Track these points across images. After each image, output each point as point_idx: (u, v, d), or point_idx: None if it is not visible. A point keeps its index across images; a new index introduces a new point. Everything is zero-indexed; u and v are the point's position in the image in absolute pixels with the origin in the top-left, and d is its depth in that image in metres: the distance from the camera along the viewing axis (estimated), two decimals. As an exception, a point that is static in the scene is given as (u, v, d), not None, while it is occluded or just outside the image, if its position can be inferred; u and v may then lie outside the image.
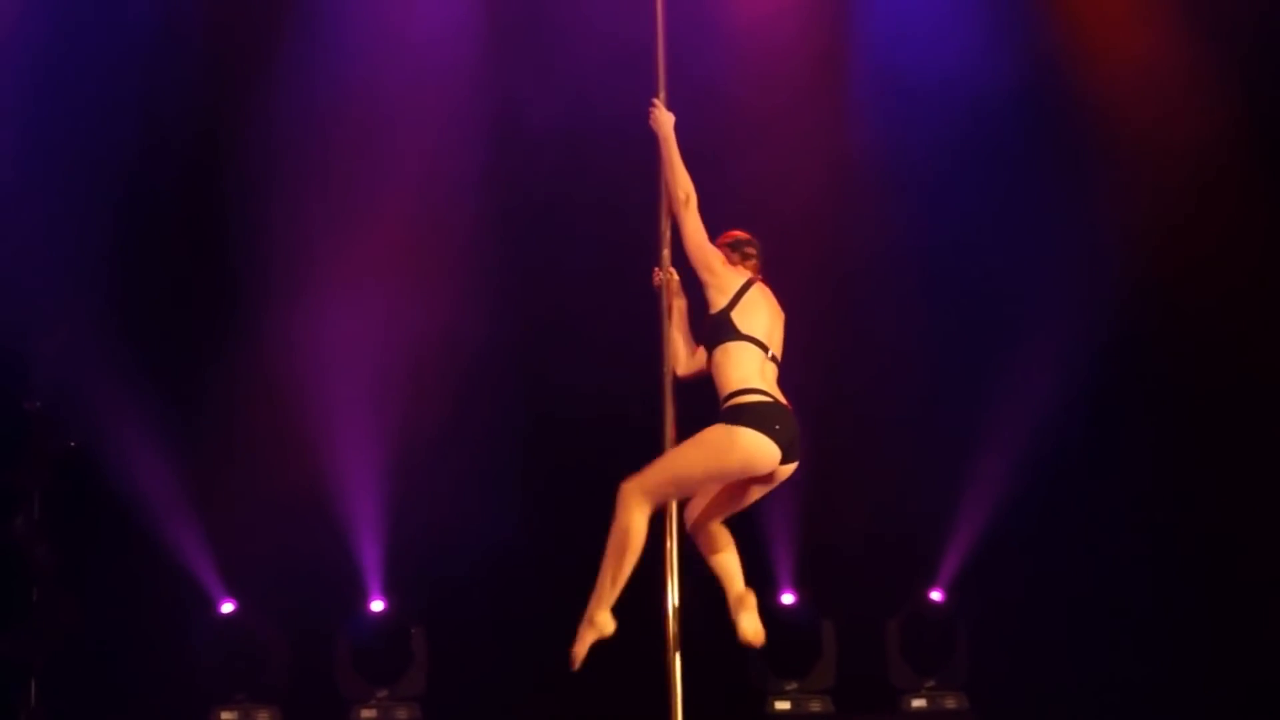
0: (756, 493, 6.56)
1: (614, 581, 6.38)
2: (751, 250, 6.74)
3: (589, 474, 9.55)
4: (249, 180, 10.12)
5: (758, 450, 6.30)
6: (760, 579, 10.08)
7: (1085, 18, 10.23)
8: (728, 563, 6.64)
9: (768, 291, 6.66)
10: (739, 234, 6.77)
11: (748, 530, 10.01)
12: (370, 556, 10.13)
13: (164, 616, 9.98)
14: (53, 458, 9.82)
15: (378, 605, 10.15)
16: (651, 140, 6.81)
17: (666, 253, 6.80)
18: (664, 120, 6.75)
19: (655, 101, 6.82)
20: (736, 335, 6.46)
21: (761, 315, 6.54)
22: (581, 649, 6.43)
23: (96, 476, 9.91)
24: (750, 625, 6.52)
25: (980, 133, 10.17)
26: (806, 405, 9.91)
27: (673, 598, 6.54)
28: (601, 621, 6.41)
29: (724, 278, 6.55)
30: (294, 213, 10.12)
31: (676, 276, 6.84)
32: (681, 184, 6.61)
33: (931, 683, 10.01)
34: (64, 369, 9.83)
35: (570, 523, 9.98)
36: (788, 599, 10.23)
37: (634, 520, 6.34)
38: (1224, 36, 9.99)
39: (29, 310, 9.67)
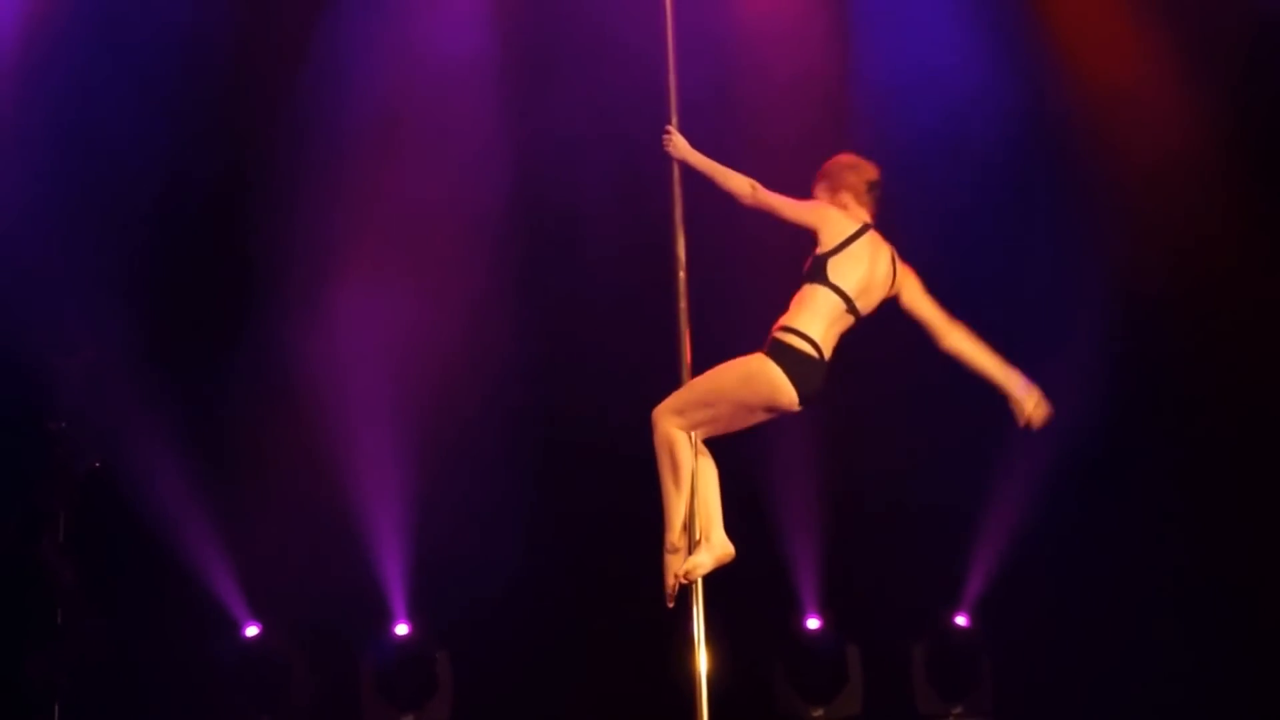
0: (761, 419, 6.64)
1: (679, 500, 6.48)
2: (877, 194, 6.75)
3: (614, 499, 9.66)
4: (271, 201, 10.15)
5: (781, 391, 6.41)
6: (785, 604, 10.24)
7: (1086, 46, 10.27)
8: (709, 497, 6.63)
9: (879, 242, 6.65)
10: (871, 173, 6.75)
11: (773, 555, 10.15)
12: (395, 581, 10.14)
13: (188, 639, 9.99)
14: (78, 478, 9.82)
15: (402, 629, 10.16)
16: (667, 162, 6.83)
17: (683, 275, 6.79)
18: (681, 144, 6.77)
19: (669, 129, 6.83)
20: (824, 280, 6.50)
21: (860, 268, 6.54)
22: (670, 580, 6.49)
23: (122, 497, 9.91)
24: (699, 562, 6.47)
25: (988, 159, 10.21)
26: (828, 432, 10.10)
27: (699, 627, 6.52)
28: (681, 545, 6.49)
29: (834, 223, 6.55)
30: (316, 233, 10.15)
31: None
32: (736, 181, 6.61)
33: (958, 709, 10.00)
34: (89, 389, 9.83)
35: (595, 548, 10.07)
36: (813, 624, 10.25)
37: (673, 435, 6.47)
38: (1221, 61, 10.03)
39: (54, 331, 9.70)
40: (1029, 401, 6.82)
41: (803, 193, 6.78)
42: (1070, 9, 10.31)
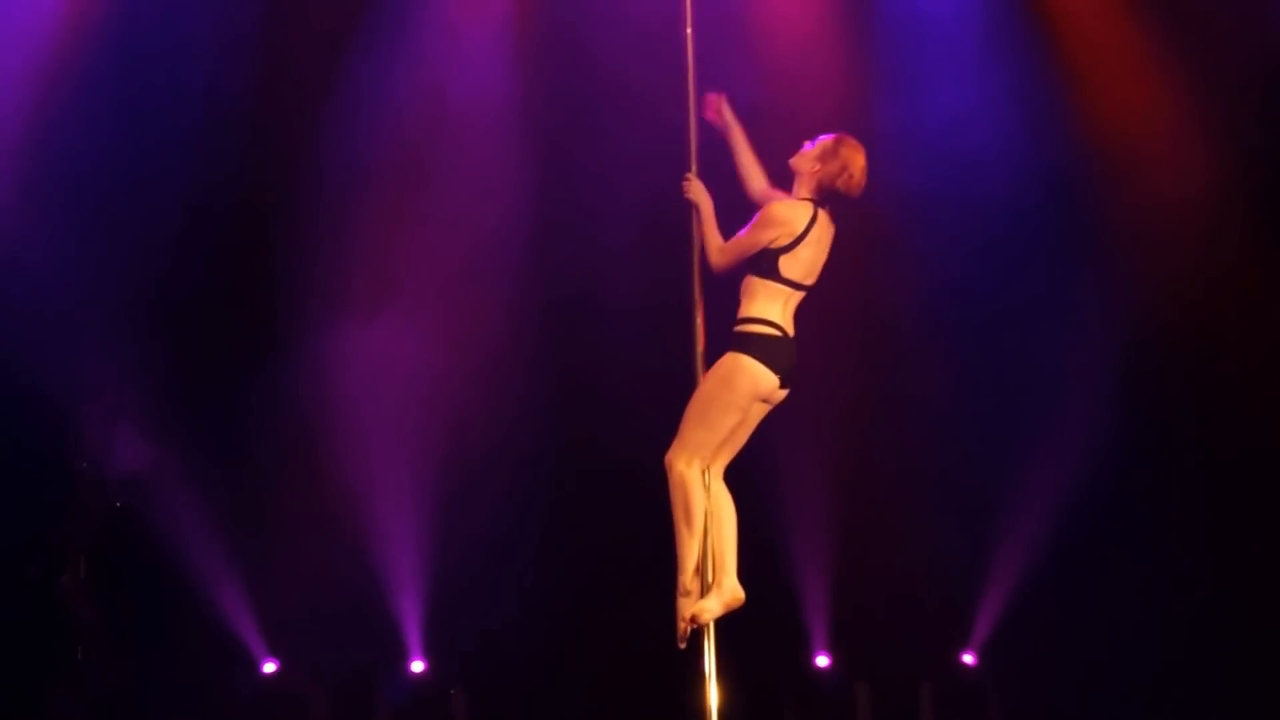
0: (756, 417, 6.74)
1: (692, 544, 6.58)
2: (836, 202, 6.81)
3: (627, 537, 9.71)
4: (291, 243, 10.21)
5: (761, 377, 6.58)
6: (795, 641, 10.28)
7: (1103, 93, 10.33)
8: (725, 541, 6.71)
9: (825, 220, 6.74)
10: (854, 195, 6.77)
11: (783, 592, 10.19)
12: (410, 618, 10.18)
13: (207, 675, 10.03)
14: (99, 517, 9.88)
15: (418, 666, 10.21)
16: (687, 206, 6.94)
17: (700, 319, 6.88)
18: (697, 188, 6.89)
19: (689, 176, 6.94)
20: (775, 276, 6.63)
21: (809, 254, 6.69)
22: (682, 624, 6.57)
23: (142, 535, 9.94)
24: (707, 607, 6.56)
25: (1003, 205, 10.26)
26: (839, 471, 10.15)
27: (710, 663, 6.59)
28: (693, 589, 6.58)
29: (788, 222, 6.65)
30: (334, 276, 10.20)
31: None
32: (713, 243, 6.76)
33: (965, 746, 10.06)
34: (111, 430, 9.90)
35: (612, 585, 10.11)
36: (822, 661, 10.29)
37: (686, 477, 6.59)
38: (1239, 109, 10.08)
39: (77, 372, 9.74)
40: None
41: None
42: (1088, 58, 10.36)
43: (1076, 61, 10.41)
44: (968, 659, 10.30)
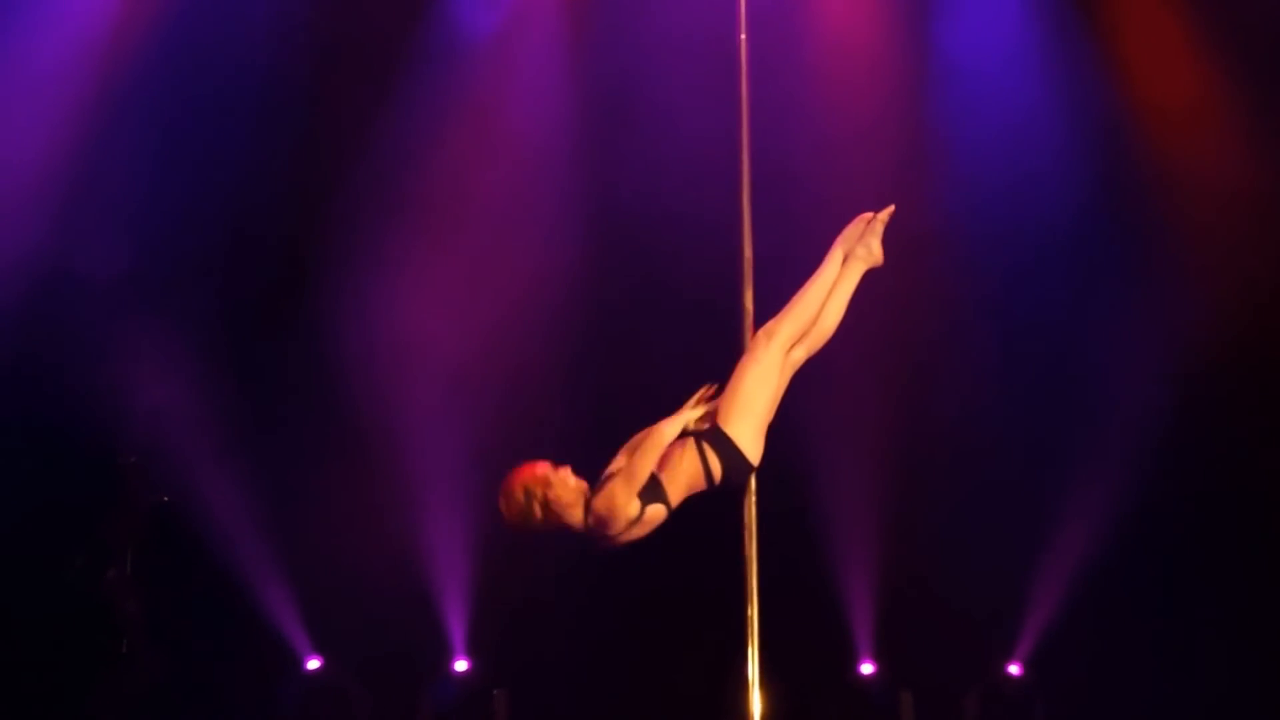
0: None
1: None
2: None
3: (679, 537, 9.69)
4: (342, 250, 10.30)
5: None
6: (839, 649, 10.28)
7: (1164, 111, 10.32)
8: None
9: None
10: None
11: (828, 601, 10.19)
12: (455, 617, 10.23)
13: (251, 671, 10.10)
14: (146, 512, 9.87)
15: (461, 666, 10.25)
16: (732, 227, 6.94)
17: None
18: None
19: None
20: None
21: None
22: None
23: (188, 531, 10.00)
24: None
25: (1054, 213, 10.30)
26: (886, 479, 10.14)
27: (754, 670, 6.57)
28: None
29: None
30: (387, 280, 10.28)
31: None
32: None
33: (1010, 757, 10.03)
34: (159, 426, 9.94)
35: (658, 587, 10.11)
36: (867, 669, 10.30)
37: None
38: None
39: (126, 368, 9.81)
40: None
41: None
42: (1141, 67, 10.36)
43: (1130, 72, 10.39)
44: (1013, 669, 10.29)
